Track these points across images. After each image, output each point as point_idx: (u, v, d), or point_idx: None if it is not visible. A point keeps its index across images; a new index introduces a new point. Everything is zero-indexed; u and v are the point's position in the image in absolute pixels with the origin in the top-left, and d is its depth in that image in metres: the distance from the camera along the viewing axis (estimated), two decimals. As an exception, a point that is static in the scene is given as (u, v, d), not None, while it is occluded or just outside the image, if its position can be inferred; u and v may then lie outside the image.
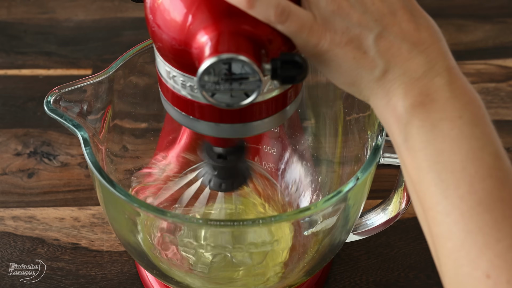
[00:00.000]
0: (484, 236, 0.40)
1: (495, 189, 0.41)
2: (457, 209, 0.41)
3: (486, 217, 0.40)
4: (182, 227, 0.58)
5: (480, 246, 0.40)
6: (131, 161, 0.67)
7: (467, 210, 0.41)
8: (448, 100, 0.43)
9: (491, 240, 0.40)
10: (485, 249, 0.40)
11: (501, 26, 1.00)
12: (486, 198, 0.41)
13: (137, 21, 0.99)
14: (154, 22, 0.44)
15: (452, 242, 0.41)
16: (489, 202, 0.41)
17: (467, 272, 0.41)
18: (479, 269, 0.40)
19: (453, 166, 0.42)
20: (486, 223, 0.40)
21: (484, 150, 0.42)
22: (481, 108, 0.43)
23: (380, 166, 0.56)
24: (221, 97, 0.42)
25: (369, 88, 0.45)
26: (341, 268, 0.70)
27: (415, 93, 0.43)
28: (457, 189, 0.41)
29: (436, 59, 0.43)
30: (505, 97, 0.89)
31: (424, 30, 0.44)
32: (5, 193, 0.77)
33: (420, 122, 0.43)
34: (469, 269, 0.41)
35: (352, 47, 0.43)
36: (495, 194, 0.41)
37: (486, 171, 0.41)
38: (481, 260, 0.40)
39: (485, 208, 0.41)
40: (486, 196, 0.41)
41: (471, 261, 0.40)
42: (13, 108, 0.86)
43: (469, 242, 0.41)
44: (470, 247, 0.40)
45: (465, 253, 0.41)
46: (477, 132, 0.42)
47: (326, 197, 0.51)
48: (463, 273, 0.41)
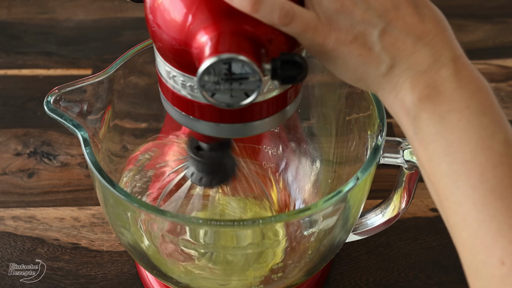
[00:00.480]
0: (497, 224, 0.40)
1: (506, 176, 0.41)
2: (469, 199, 0.41)
3: (498, 205, 0.41)
4: (182, 227, 0.58)
5: (494, 234, 0.40)
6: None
7: (480, 199, 0.41)
8: (455, 91, 0.43)
9: (504, 227, 0.40)
10: (499, 237, 0.40)
11: (501, 26, 1.00)
12: (498, 186, 0.41)
13: (137, 21, 0.99)
14: (154, 22, 0.44)
15: (467, 231, 0.42)
16: (501, 190, 0.41)
17: (483, 260, 0.41)
18: (494, 256, 0.40)
19: (463, 157, 0.42)
20: (499, 210, 0.41)
21: (493, 138, 0.42)
22: (489, 95, 0.43)
23: (380, 166, 0.56)
24: (221, 97, 0.42)
25: (377, 83, 0.45)
26: (341, 268, 0.70)
27: (421, 86, 0.43)
28: (469, 179, 0.41)
29: (441, 50, 0.43)
30: (505, 97, 0.89)
31: (428, 22, 0.44)
32: (5, 193, 0.77)
33: (428, 115, 0.43)
34: (484, 257, 0.41)
35: (357, 44, 0.43)
36: (506, 182, 0.41)
37: (497, 158, 0.41)
38: (495, 247, 0.40)
39: (497, 196, 0.41)
40: (498, 184, 0.41)
41: (486, 249, 0.41)
42: (13, 108, 0.86)
43: (483, 230, 0.41)
44: (484, 235, 0.41)
45: (479, 242, 0.41)
46: (485, 120, 0.42)
47: (326, 197, 0.51)
48: (478, 260, 0.41)
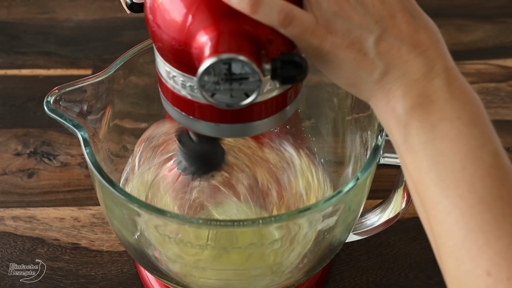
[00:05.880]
0: (484, 234, 0.40)
1: (495, 188, 0.41)
2: (457, 208, 0.41)
3: (486, 215, 0.41)
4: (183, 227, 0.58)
5: (480, 244, 0.40)
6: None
7: (467, 209, 0.41)
8: (447, 101, 0.43)
9: (492, 238, 0.40)
10: (485, 247, 0.40)
11: (501, 26, 1.00)
12: (486, 196, 0.41)
13: (137, 21, 0.99)
14: (154, 22, 0.44)
15: (453, 240, 0.42)
16: (489, 201, 0.41)
17: (468, 270, 0.41)
18: (480, 267, 0.40)
19: (452, 166, 0.42)
20: (486, 221, 0.40)
21: (483, 149, 0.42)
22: (479, 107, 0.44)
23: (380, 166, 0.56)
24: (221, 97, 0.42)
25: (369, 90, 0.45)
26: (341, 268, 0.70)
27: (414, 94, 0.43)
28: (457, 188, 0.41)
29: (435, 61, 0.44)
30: (505, 97, 0.89)
31: (423, 32, 0.44)
32: (5, 193, 0.77)
33: (419, 123, 0.43)
34: (470, 267, 0.41)
35: (352, 49, 0.43)
36: (494, 193, 0.41)
37: (486, 170, 0.41)
38: (481, 258, 0.40)
39: (485, 206, 0.41)
40: (486, 194, 0.41)
41: (472, 259, 0.41)
42: (13, 108, 0.86)
43: (470, 240, 0.41)
44: (470, 245, 0.41)
45: (466, 252, 0.41)
46: (476, 131, 0.42)
47: (326, 197, 0.51)
48: (464, 271, 0.41)
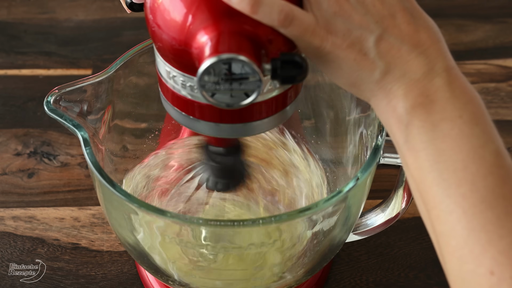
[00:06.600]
0: (487, 233, 0.40)
1: (497, 187, 0.41)
2: (459, 208, 0.41)
3: (488, 214, 0.41)
4: (183, 227, 0.58)
5: (483, 243, 0.40)
6: (131, 161, 0.67)
7: (470, 208, 0.41)
8: (448, 100, 0.43)
9: (494, 237, 0.40)
10: (488, 246, 0.40)
11: (501, 26, 1.00)
12: (488, 195, 0.41)
13: (137, 21, 0.99)
14: (154, 22, 0.44)
15: (456, 240, 0.42)
16: (491, 200, 0.41)
17: (471, 269, 0.41)
18: (483, 266, 0.40)
19: (454, 165, 0.42)
20: (489, 220, 0.40)
21: (485, 148, 0.42)
22: (480, 106, 0.44)
23: (380, 166, 0.56)
24: (221, 97, 0.42)
25: (370, 90, 0.45)
26: (341, 268, 0.70)
27: (415, 94, 0.43)
28: (459, 187, 0.41)
29: (436, 60, 0.43)
30: (505, 97, 0.89)
31: (423, 32, 0.44)
32: (5, 193, 0.77)
33: (420, 122, 0.43)
34: (472, 266, 0.41)
35: (353, 49, 0.43)
36: (497, 192, 0.41)
37: (488, 169, 0.41)
38: (484, 257, 0.40)
39: (487, 205, 0.41)
40: (488, 193, 0.41)
41: (475, 258, 0.41)
42: (13, 108, 0.86)
43: (472, 239, 0.41)
44: (473, 244, 0.41)
45: (468, 251, 0.41)
46: (477, 130, 0.42)
47: (326, 197, 0.51)
48: (467, 270, 0.41)
